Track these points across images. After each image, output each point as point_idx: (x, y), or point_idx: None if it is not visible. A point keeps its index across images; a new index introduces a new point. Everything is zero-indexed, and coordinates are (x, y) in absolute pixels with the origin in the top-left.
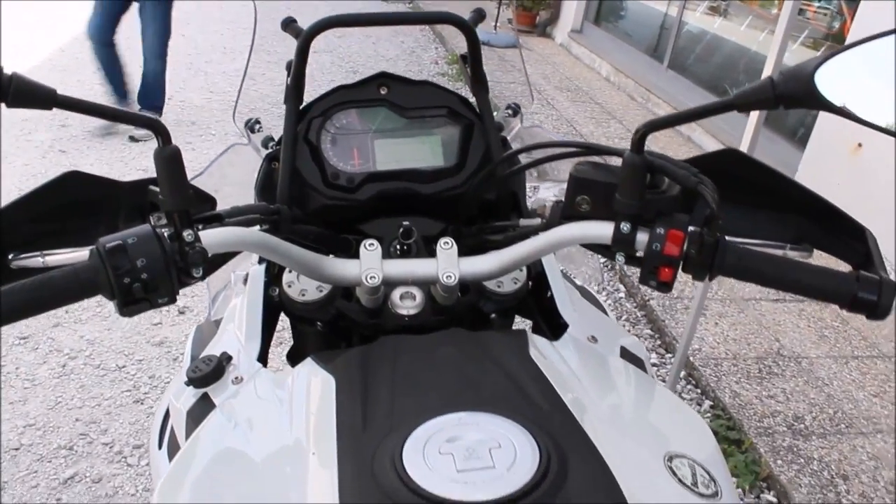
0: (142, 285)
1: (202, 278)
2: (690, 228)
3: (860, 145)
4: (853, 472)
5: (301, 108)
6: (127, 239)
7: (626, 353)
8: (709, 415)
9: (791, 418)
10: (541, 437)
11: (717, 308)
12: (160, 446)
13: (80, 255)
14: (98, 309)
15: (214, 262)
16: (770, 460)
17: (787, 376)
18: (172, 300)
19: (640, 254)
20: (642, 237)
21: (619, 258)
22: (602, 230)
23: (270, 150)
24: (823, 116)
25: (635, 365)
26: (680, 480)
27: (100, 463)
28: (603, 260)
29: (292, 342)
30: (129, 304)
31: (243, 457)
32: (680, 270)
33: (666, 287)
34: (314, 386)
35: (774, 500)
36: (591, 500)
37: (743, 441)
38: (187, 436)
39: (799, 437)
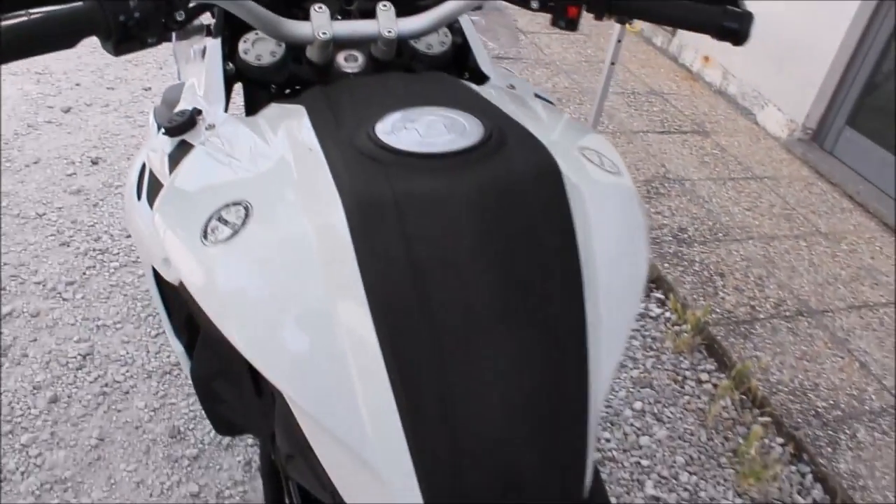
0: (135, 23)
1: (183, 24)
2: None
3: None
4: (728, 271)
5: None
6: None
7: (539, 97)
8: None
9: (675, 230)
10: (484, 120)
11: (609, 140)
12: (139, 197)
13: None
14: (7, 164)
15: (190, 14)
16: (658, 264)
17: (672, 196)
18: (160, 40)
19: (551, 3)
20: None
21: (534, 4)
22: None
23: None
24: None
25: None
26: (591, 162)
27: (35, 300)
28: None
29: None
30: (123, 41)
31: (232, 170)
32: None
33: (573, 24)
34: (285, 114)
35: (662, 296)
36: (527, 157)
37: None
38: (170, 174)
39: (682, 245)
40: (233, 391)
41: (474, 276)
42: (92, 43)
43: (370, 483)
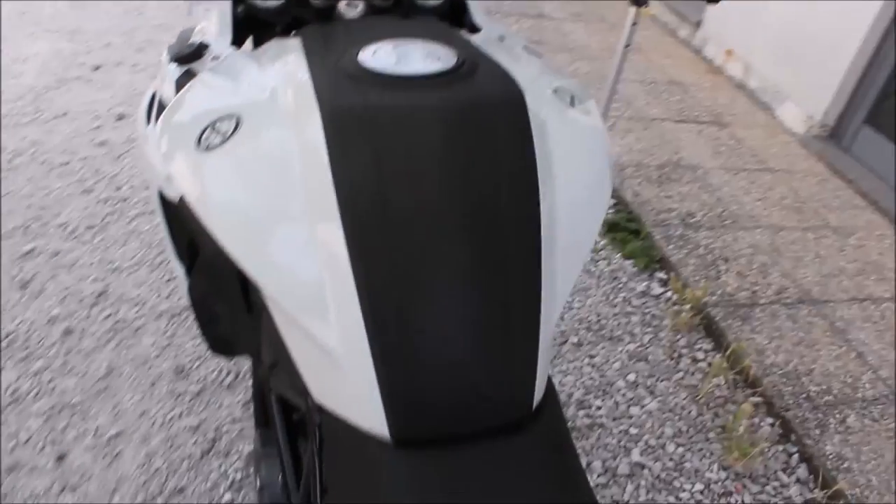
0: None
1: None
2: None
3: None
4: (733, 256)
5: None
6: None
7: (527, 49)
8: (611, 210)
9: (684, 214)
10: (460, 52)
11: (624, 125)
12: (148, 123)
13: None
14: (36, 115)
15: None
16: (663, 245)
17: (684, 182)
18: None
19: None
20: None
21: None
22: None
23: None
24: None
25: None
26: (562, 101)
27: (56, 240)
28: None
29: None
30: None
31: (230, 91)
32: None
33: None
34: (283, 46)
35: (665, 276)
36: (494, 85)
37: (641, 231)
38: None
39: (689, 229)
40: (226, 309)
41: (435, 188)
42: (126, 6)
43: (335, 379)
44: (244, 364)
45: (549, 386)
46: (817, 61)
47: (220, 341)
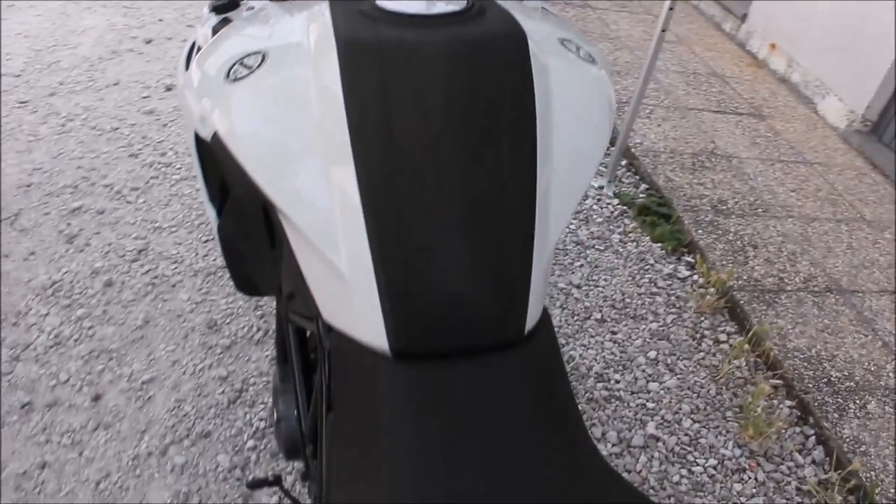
0: None
1: None
2: None
3: None
4: (762, 244)
5: None
6: None
7: (546, 10)
8: (643, 195)
9: (715, 201)
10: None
11: (661, 113)
12: (187, 69)
13: None
14: (90, 83)
15: None
16: (692, 230)
17: (718, 170)
18: None
19: None
20: None
21: None
22: None
23: None
24: None
25: None
26: (568, 50)
27: (102, 200)
28: None
29: None
30: None
31: (259, 35)
32: None
33: None
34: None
35: (692, 260)
36: (499, 27)
37: (671, 215)
38: None
39: (720, 216)
40: (251, 247)
41: (438, 121)
42: None
43: (343, 299)
44: (272, 323)
45: (546, 316)
46: (862, 56)
47: (246, 280)
